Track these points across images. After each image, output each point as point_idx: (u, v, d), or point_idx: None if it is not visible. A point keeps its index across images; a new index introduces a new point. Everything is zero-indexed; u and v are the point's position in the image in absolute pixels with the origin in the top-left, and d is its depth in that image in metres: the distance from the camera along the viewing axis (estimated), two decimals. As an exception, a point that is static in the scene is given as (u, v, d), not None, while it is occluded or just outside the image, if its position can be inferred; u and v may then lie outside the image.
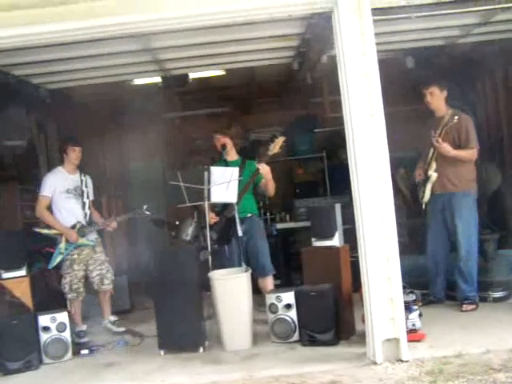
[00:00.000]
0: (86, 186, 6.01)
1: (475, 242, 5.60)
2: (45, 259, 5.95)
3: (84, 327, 5.83)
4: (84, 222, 5.88)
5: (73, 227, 5.80)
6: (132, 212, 6.19)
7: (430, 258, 5.80)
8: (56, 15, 4.33)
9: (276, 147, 5.64)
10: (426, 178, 5.59)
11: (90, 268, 5.88)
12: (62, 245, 5.75)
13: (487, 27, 5.81)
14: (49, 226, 5.82)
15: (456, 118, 5.40)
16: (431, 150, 5.54)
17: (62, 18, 4.34)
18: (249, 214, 5.87)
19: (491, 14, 5.41)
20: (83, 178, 6.02)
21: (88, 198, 6.00)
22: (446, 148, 5.43)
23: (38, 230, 5.92)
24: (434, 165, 5.53)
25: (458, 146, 5.53)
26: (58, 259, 5.77)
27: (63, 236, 5.76)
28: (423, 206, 5.72)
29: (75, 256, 5.81)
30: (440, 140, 5.42)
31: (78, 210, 5.89)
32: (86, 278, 5.91)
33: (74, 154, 5.92)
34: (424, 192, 5.62)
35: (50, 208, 5.85)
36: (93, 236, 5.96)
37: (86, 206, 5.95)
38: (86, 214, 5.92)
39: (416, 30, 5.75)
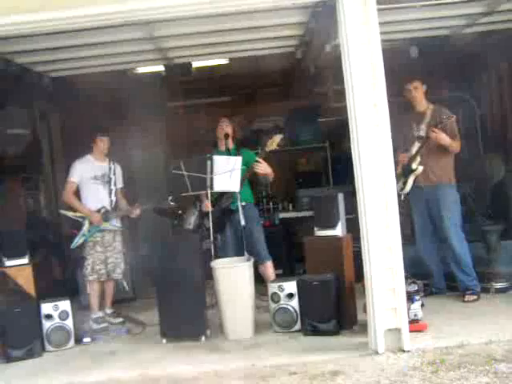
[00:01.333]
0: (114, 174, 6.10)
1: (462, 231, 5.62)
2: (69, 242, 6.01)
3: (100, 314, 5.89)
4: (109, 208, 5.96)
5: (97, 211, 5.89)
6: (157, 201, 6.26)
7: (421, 251, 5.81)
8: (59, 2, 4.32)
9: (273, 144, 5.66)
10: (409, 171, 5.61)
11: (107, 254, 5.95)
12: (86, 227, 5.85)
13: (493, 17, 5.78)
14: (74, 209, 5.93)
15: (454, 117, 5.48)
16: (416, 144, 5.58)
17: (65, 6, 4.33)
18: (243, 203, 5.88)
19: (497, 3, 5.39)
20: (112, 165, 6.11)
21: (115, 185, 6.08)
22: (443, 136, 5.46)
23: (63, 212, 6.06)
24: (418, 158, 5.57)
25: None
26: (81, 240, 5.87)
27: (87, 219, 5.85)
28: (402, 197, 5.72)
29: (98, 239, 5.91)
30: (436, 130, 5.45)
31: (104, 196, 6.00)
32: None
33: (103, 144, 6.04)
34: (405, 183, 5.64)
35: (78, 193, 5.96)
36: (117, 223, 6.05)
37: (113, 193, 6.04)
38: (111, 201, 6.02)
39: (421, 19, 5.71)
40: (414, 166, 5.59)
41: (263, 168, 5.71)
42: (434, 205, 5.65)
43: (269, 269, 5.87)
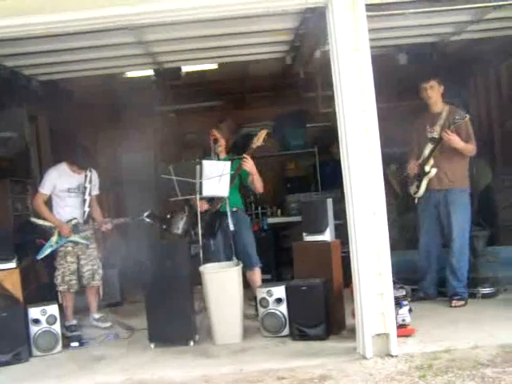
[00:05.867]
0: (90, 182, 5.94)
1: (468, 238, 5.63)
2: (36, 250, 5.92)
3: (74, 322, 5.82)
4: (81, 220, 5.86)
5: (68, 222, 5.79)
6: (130, 218, 6.12)
7: (423, 253, 5.81)
8: (49, 6, 4.31)
9: (259, 140, 5.71)
10: (423, 174, 5.59)
11: (81, 262, 5.86)
12: (54, 238, 5.75)
13: (480, 25, 5.83)
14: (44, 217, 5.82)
15: (467, 116, 5.40)
16: (429, 146, 5.53)
17: (55, 9, 4.32)
18: (234, 208, 5.91)
19: (484, 11, 5.43)
20: (88, 173, 5.95)
21: (90, 194, 5.93)
22: (456, 139, 5.42)
23: (33, 219, 5.94)
24: (431, 161, 5.53)
25: None
26: (47, 251, 5.76)
27: (57, 229, 5.75)
28: (415, 201, 5.73)
29: (69, 248, 5.80)
30: (449, 132, 5.39)
31: (76, 208, 5.87)
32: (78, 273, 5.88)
33: (78, 171, 5.90)
34: (419, 187, 5.63)
35: (50, 200, 5.85)
36: (87, 235, 5.91)
37: (86, 204, 5.89)
38: (84, 212, 5.88)
39: (409, 26, 5.76)
40: (427, 168, 5.55)
41: (250, 165, 5.71)
42: (444, 209, 5.62)
43: (257, 275, 5.89)
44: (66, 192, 5.84)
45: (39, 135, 8.17)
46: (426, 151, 5.56)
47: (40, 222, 5.85)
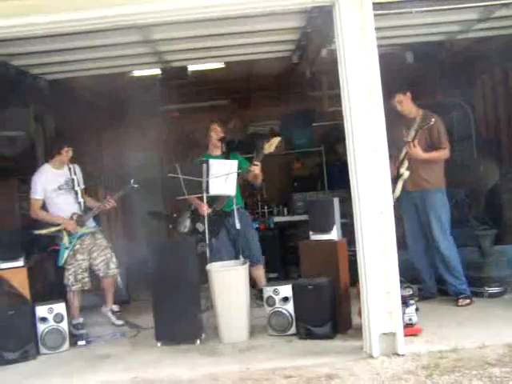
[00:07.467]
0: (75, 174, 5.92)
1: (450, 235, 5.64)
2: (54, 257, 5.90)
3: (81, 320, 5.82)
4: (79, 212, 5.85)
5: (70, 219, 5.78)
6: (123, 188, 6.01)
7: (411, 255, 5.83)
8: (56, 5, 4.32)
9: (271, 147, 5.71)
10: (398, 176, 5.62)
11: (93, 255, 5.85)
12: (66, 239, 5.72)
13: (487, 23, 5.81)
14: (46, 226, 5.77)
15: (432, 120, 5.41)
16: (404, 149, 5.57)
17: (62, 9, 4.33)
18: (238, 206, 5.95)
19: (492, 9, 5.41)
20: (70, 166, 5.93)
21: (79, 185, 5.91)
22: (418, 152, 5.46)
23: (37, 232, 5.83)
24: (406, 163, 5.56)
25: (430, 145, 5.59)
26: (66, 254, 5.74)
27: (63, 231, 5.74)
28: (392, 202, 5.75)
29: (77, 246, 5.78)
30: (412, 144, 5.43)
31: (71, 202, 5.85)
32: (90, 269, 5.88)
33: (67, 154, 5.86)
34: (395, 188, 5.66)
35: (45, 205, 5.82)
36: (91, 223, 5.94)
37: (79, 195, 5.87)
38: (80, 204, 5.87)
39: (416, 24, 5.75)
40: (401, 170, 5.59)
41: (258, 169, 5.76)
42: (423, 210, 5.67)
43: (261, 270, 6.03)
44: (57, 191, 5.80)
45: (46, 134, 8.19)
46: (402, 154, 5.59)
47: (44, 231, 5.78)
